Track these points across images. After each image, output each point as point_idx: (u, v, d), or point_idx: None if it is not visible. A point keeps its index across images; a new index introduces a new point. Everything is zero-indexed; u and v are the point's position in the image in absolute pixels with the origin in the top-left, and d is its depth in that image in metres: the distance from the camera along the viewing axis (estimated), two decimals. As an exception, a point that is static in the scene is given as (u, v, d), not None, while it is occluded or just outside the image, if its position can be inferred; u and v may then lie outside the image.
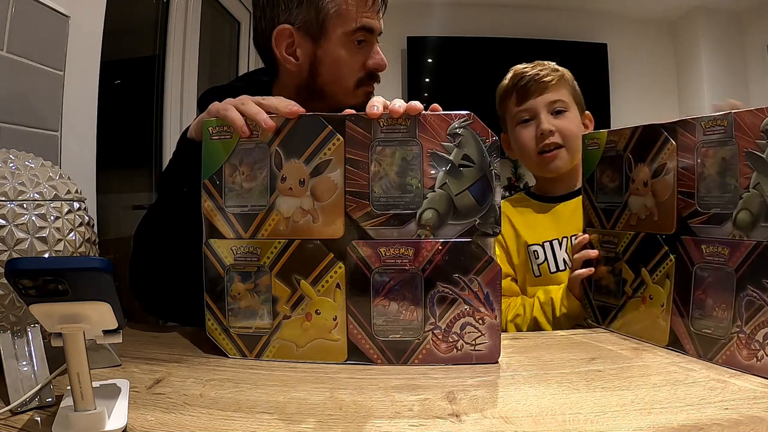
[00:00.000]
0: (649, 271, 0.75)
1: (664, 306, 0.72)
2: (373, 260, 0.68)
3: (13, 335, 0.57)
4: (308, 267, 0.69)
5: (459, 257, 0.67)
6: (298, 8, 0.84)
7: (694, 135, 0.69)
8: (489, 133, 0.68)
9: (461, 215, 0.67)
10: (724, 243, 0.65)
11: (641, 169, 0.77)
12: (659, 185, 0.74)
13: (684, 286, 0.69)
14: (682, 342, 0.69)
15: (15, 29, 1.10)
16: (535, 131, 1.07)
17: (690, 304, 0.68)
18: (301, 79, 0.89)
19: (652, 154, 0.75)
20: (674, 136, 0.71)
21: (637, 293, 0.78)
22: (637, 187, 0.77)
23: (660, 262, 0.73)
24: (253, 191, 0.69)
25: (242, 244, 0.70)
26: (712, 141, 0.67)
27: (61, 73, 1.28)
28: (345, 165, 0.68)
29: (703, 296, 0.67)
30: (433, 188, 0.68)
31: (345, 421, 0.51)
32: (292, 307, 0.69)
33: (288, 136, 0.69)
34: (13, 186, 0.57)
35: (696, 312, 0.68)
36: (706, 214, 0.67)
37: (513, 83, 1.10)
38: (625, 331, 0.80)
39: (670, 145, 0.72)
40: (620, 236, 0.81)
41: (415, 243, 0.67)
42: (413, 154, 0.68)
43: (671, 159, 0.72)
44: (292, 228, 0.69)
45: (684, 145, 0.70)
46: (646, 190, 0.76)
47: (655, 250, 0.74)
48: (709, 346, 0.66)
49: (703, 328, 0.67)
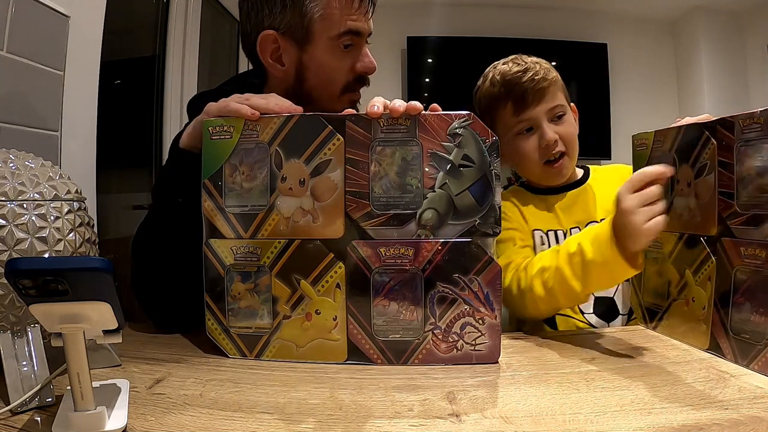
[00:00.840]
0: (693, 272, 0.74)
1: (705, 309, 0.71)
2: (373, 260, 0.68)
3: (13, 335, 0.57)
4: (308, 267, 0.69)
5: (459, 257, 0.67)
6: (282, 13, 0.82)
7: (732, 134, 0.67)
8: (489, 134, 0.68)
9: (461, 215, 0.67)
10: (762, 245, 0.63)
11: (685, 169, 0.75)
12: (701, 186, 0.72)
13: (724, 289, 0.68)
14: (721, 347, 0.68)
15: (15, 29, 1.10)
16: (537, 142, 1.02)
17: (729, 307, 0.67)
18: (288, 84, 0.87)
19: (695, 153, 0.73)
20: (714, 135, 0.70)
21: (681, 295, 0.77)
22: (681, 188, 0.76)
23: (702, 263, 0.72)
24: (253, 191, 0.69)
25: (242, 244, 0.70)
26: (750, 139, 0.66)
27: (61, 73, 1.28)
28: (345, 165, 0.68)
29: (742, 300, 0.66)
30: (433, 188, 0.68)
31: (345, 421, 0.51)
32: (292, 307, 0.69)
33: (288, 136, 0.69)
34: (13, 186, 0.57)
35: (735, 316, 0.67)
36: (745, 215, 0.66)
37: (506, 90, 1.03)
38: (670, 334, 0.79)
39: (711, 144, 0.70)
40: (666, 237, 0.79)
41: (415, 243, 0.67)
42: (413, 154, 0.68)
43: (712, 159, 0.70)
44: (292, 228, 0.69)
45: (723, 144, 0.69)
46: (689, 190, 0.74)
47: (698, 252, 0.73)
48: (746, 351, 0.65)
49: (741, 333, 0.66)
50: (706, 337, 0.71)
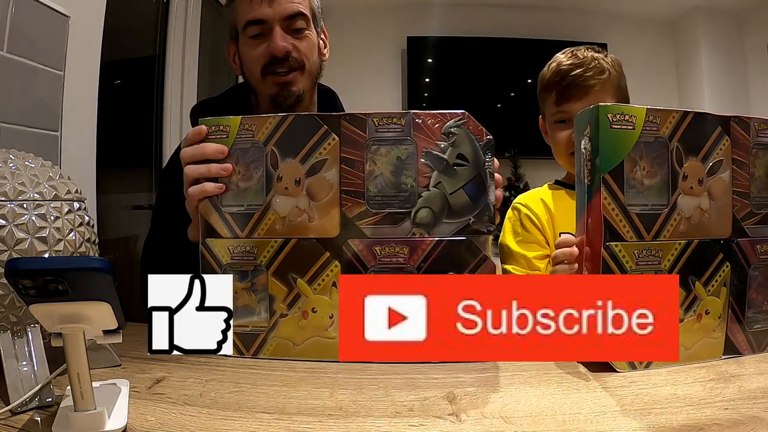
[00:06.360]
0: (703, 283, 0.66)
1: (721, 317, 0.67)
2: (369, 259, 0.68)
3: (13, 335, 0.57)
4: (304, 265, 0.69)
5: (454, 255, 0.68)
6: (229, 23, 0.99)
7: (748, 134, 0.68)
8: (483, 132, 0.68)
9: (456, 214, 0.68)
10: None
11: (694, 164, 0.67)
12: (716, 185, 0.67)
13: (741, 289, 0.67)
14: (737, 345, 0.68)
15: (15, 29, 1.10)
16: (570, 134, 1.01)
17: (745, 305, 0.68)
18: None
19: (707, 148, 0.67)
20: (729, 132, 0.67)
21: (690, 312, 0.66)
22: (690, 185, 0.66)
23: (716, 271, 0.66)
24: (249, 191, 0.70)
25: (239, 243, 0.70)
26: (762, 144, 0.68)
27: (61, 73, 1.28)
28: (340, 164, 0.69)
29: (755, 294, 0.68)
30: (428, 187, 0.68)
31: (345, 421, 0.51)
32: (289, 306, 0.69)
33: (284, 135, 0.70)
34: (13, 186, 0.57)
35: (749, 311, 0.68)
36: (760, 215, 0.68)
37: (555, 80, 1.03)
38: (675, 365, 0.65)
39: (725, 140, 0.67)
40: (666, 248, 0.66)
41: (410, 241, 0.68)
42: (408, 153, 0.68)
43: (726, 156, 0.67)
44: (288, 227, 0.69)
45: (739, 143, 0.68)
46: (701, 189, 0.67)
47: (710, 259, 0.66)
48: (761, 339, 0.68)
49: (755, 325, 0.68)
50: (720, 346, 0.67)
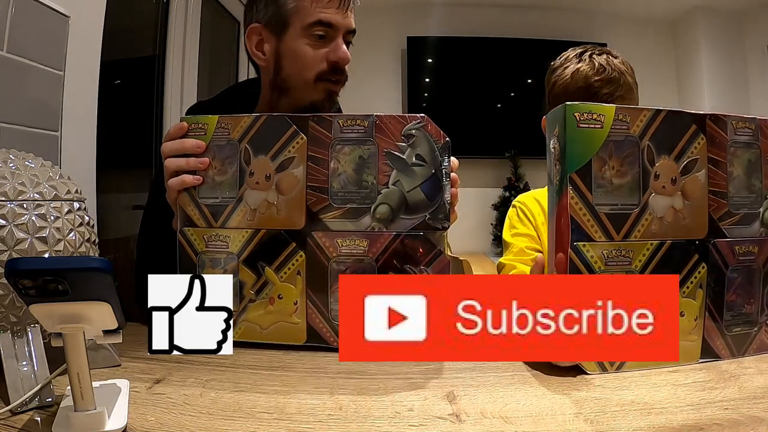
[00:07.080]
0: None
1: (697, 319, 0.66)
2: (331, 250, 0.73)
3: (13, 335, 0.57)
4: (272, 255, 0.73)
5: (410, 249, 0.72)
6: (265, 7, 0.91)
7: (725, 133, 0.67)
8: (441, 135, 0.73)
9: (413, 210, 0.72)
10: (754, 241, 0.65)
11: (667, 163, 0.66)
12: (690, 184, 0.66)
13: (718, 290, 0.66)
14: (715, 348, 0.66)
15: (15, 29, 1.10)
16: None
17: (723, 307, 0.66)
18: (269, 75, 0.93)
19: (681, 146, 0.66)
20: (704, 130, 0.67)
21: None
22: (662, 185, 0.66)
23: (691, 272, 0.66)
24: (224, 184, 0.75)
25: (213, 232, 0.75)
26: (740, 142, 0.67)
27: (61, 73, 1.28)
28: (307, 162, 0.73)
29: (734, 297, 0.66)
30: (387, 185, 0.73)
31: (345, 421, 0.51)
32: (257, 292, 0.74)
33: (256, 134, 0.74)
34: (13, 186, 0.57)
35: (728, 314, 0.66)
36: (738, 215, 0.66)
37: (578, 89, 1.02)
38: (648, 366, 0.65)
39: (700, 139, 0.66)
40: (637, 248, 0.65)
41: (370, 235, 0.72)
42: (370, 153, 0.73)
43: (702, 155, 0.66)
44: (258, 219, 0.74)
45: (715, 141, 0.67)
46: (674, 188, 0.66)
47: (685, 260, 0.65)
48: (741, 342, 0.66)
49: (734, 328, 0.67)
50: (697, 349, 0.66)
